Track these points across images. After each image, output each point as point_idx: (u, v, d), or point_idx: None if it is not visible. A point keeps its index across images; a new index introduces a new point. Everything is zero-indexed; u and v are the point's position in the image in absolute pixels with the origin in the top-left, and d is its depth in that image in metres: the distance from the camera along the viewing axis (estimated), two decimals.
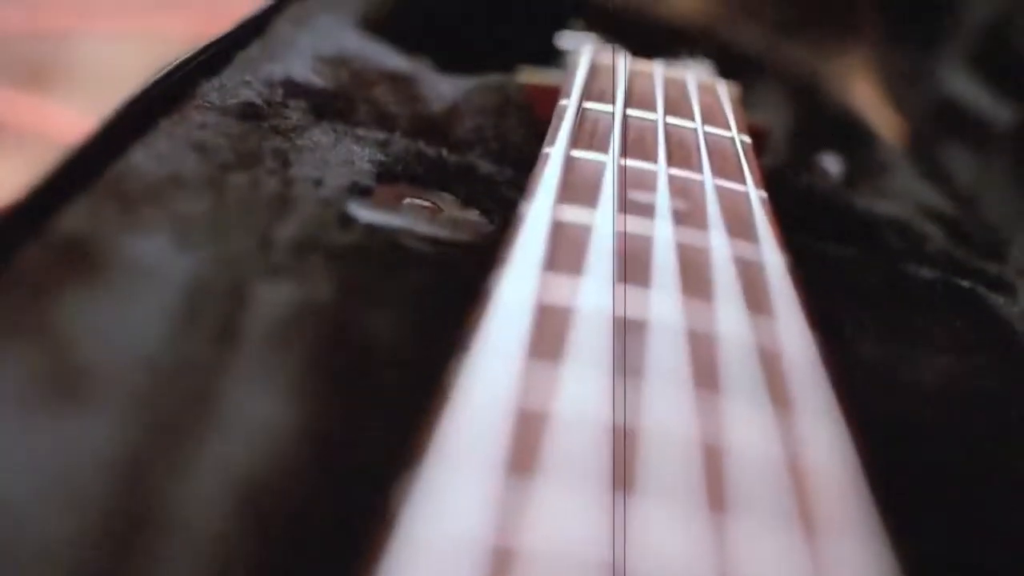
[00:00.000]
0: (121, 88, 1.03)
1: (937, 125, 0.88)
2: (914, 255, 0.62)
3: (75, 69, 1.10)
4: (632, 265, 0.38)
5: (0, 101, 0.95)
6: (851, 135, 0.84)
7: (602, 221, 0.41)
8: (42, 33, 1.15)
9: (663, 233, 0.41)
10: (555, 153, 0.46)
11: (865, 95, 0.96)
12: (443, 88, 0.60)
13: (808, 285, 0.42)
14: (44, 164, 0.87)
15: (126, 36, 1.16)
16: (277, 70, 0.56)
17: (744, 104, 0.63)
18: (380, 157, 0.52)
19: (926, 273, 0.59)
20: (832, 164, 0.75)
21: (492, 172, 0.54)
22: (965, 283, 0.59)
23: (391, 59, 0.63)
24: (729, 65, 0.82)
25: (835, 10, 1.47)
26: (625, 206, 0.43)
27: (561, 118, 0.50)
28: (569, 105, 0.51)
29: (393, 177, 0.51)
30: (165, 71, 0.51)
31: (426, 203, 0.50)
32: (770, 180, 0.52)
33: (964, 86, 0.88)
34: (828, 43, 1.42)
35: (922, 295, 0.58)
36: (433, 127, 0.57)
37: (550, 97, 0.60)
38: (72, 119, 0.93)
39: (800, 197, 0.62)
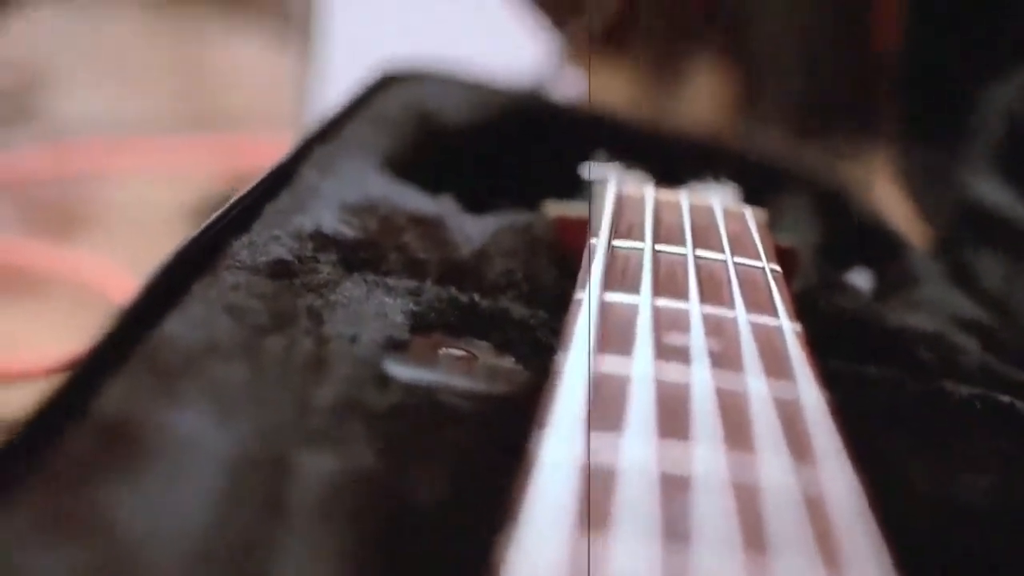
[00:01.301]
0: (149, 229, 1.04)
1: (964, 230, 0.88)
2: (950, 371, 0.61)
3: (102, 212, 1.11)
4: (672, 417, 0.38)
5: (27, 248, 0.96)
6: (879, 245, 0.84)
7: (639, 370, 0.41)
8: (68, 176, 1.16)
9: (700, 379, 0.41)
10: (588, 298, 0.46)
11: (890, 200, 0.96)
12: (471, 230, 0.60)
13: (846, 411, 0.42)
14: (71, 313, 0.88)
15: (152, 175, 1.17)
16: (306, 222, 0.57)
17: (771, 222, 0.63)
18: (413, 307, 0.52)
19: (963, 390, 0.59)
20: (862, 279, 0.75)
21: (525, 316, 0.55)
22: (1004, 398, 0.59)
23: (417, 202, 0.63)
24: (752, 179, 0.82)
25: (855, 113, 1.48)
26: (660, 351, 0.43)
27: (591, 259, 0.50)
28: (598, 244, 0.51)
29: (427, 327, 0.52)
30: (196, 233, 0.51)
31: (461, 352, 0.50)
32: (802, 304, 0.52)
33: (990, 188, 0.88)
34: (850, 147, 1.43)
35: (960, 413, 0.58)
36: (464, 272, 0.57)
37: (577, 229, 0.60)
38: (100, 265, 0.93)
39: (832, 319, 0.62)
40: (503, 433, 0.40)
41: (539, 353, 0.52)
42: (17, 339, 0.84)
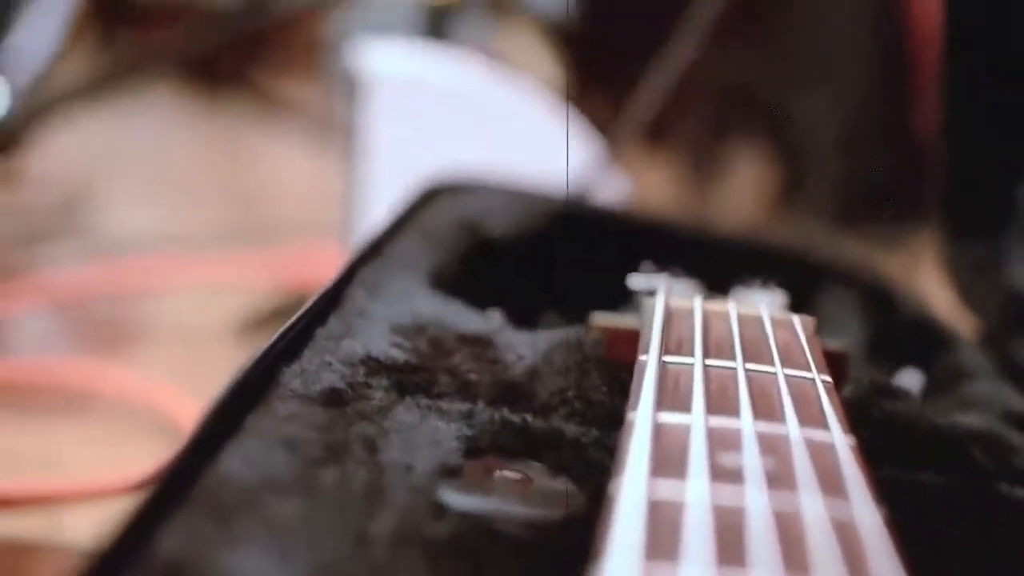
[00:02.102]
0: (198, 345, 1.04)
1: (1011, 321, 0.88)
2: (1004, 472, 0.61)
3: (150, 328, 1.11)
4: (728, 544, 0.38)
5: (75, 366, 0.97)
6: (928, 341, 0.84)
7: (694, 494, 0.41)
8: (115, 292, 1.17)
9: (755, 501, 0.41)
10: (640, 419, 0.46)
11: (936, 290, 0.96)
12: (521, 348, 0.61)
13: (902, 522, 0.42)
14: (120, 432, 0.88)
15: (200, 290, 1.18)
16: (357, 347, 0.57)
17: (819, 326, 0.63)
18: (466, 431, 0.53)
19: (1019, 492, 0.59)
20: (912, 380, 0.75)
21: (578, 434, 0.55)
22: None
23: (466, 320, 0.63)
24: (798, 278, 0.83)
25: (899, 201, 1.48)
26: (715, 473, 0.43)
27: (642, 376, 0.50)
28: (648, 361, 0.52)
29: (481, 451, 0.52)
30: (248, 365, 0.51)
31: (516, 475, 0.50)
32: (853, 411, 0.52)
33: None
34: (894, 236, 1.42)
35: (1017, 517, 0.57)
36: (515, 392, 0.57)
37: (626, 341, 0.60)
38: (149, 383, 0.94)
39: (884, 425, 0.62)
40: (560, 563, 0.40)
41: (594, 473, 0.52)
42: (67, 459, 0.85)
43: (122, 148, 1.86)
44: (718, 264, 0.80)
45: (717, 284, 0.73)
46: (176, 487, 0.43)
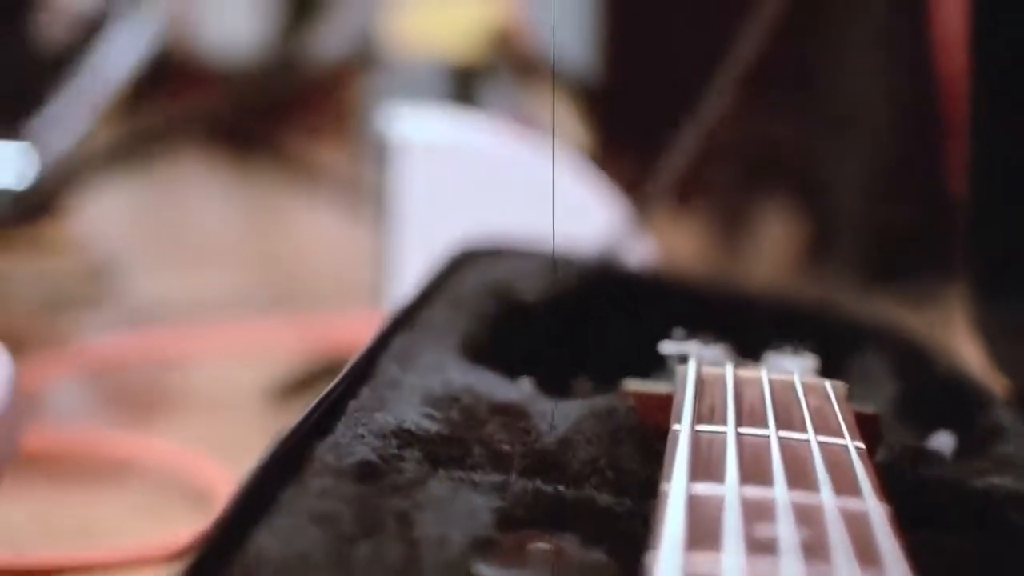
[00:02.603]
0: (231, 412, 1.05)
1: None
2: None
3: (183, 396, 1.12)
4: None
5: (107, 436, 0.97)
6: (960, 400, 0.83)
7: (729, 568, 0.41)
8: (148, 360, 1.17)
9: (791, 574, 0.41)
10: (674, 490, 0.46)
11: (967, 348, 0.96)
12: (553, 417, 0.61)
13: None
14: (154, 501, 0.88)
15: (232, 357, 1.19)
16: (389, 419, 0.57)
17: (851, 389, 0.63)
18: (499, 503, 0.52)
19: None
20: (945, 442, 0.74)
21: (612, 504, 0.55)
22: None
23: (498, 389, 0.64)
24: (828, 339, 0.82)
25: (929, 258, 1.48)
26: (750, 545, 0.43)
27: (675, 446, 0.50)
28: (681, 431, 0.52)
29: (515, 523, 0.52)
30: (280, 440, 0.51)
31: (550, 547, 0.50)
32: (887, 477, 0.52)
33: None
34: (925, 294, 1.42)
35: None
36: (548, 462, 0.57)
37: (658, 408, 0.60)
38: (182, 452, 0.94)
39: (919, 490, 0.62)
40: None
41: (628, 545, 0.51)
42: (103, 528, 0.85)
43: (153, 214, 1.87)
44: (749, 327, 0.80)
45: (748, 348, 0.73)
46: (210, 564, 0.43)
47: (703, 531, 0.43)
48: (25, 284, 1.38)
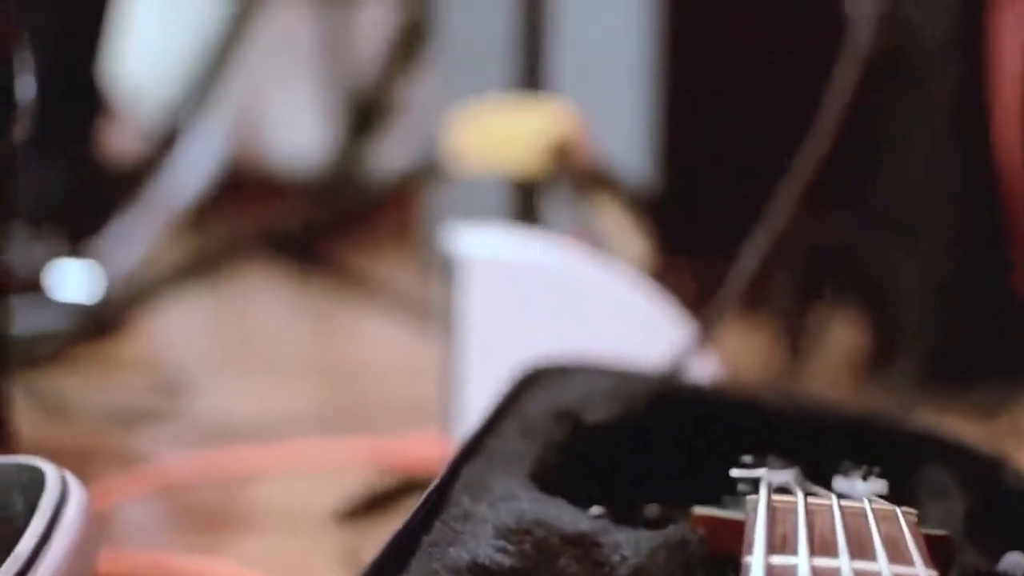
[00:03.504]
0: (299, 533, 1.05)
1: None
2: None
3: (250, 516, 1.12)
4: None
5: (175, 559, 0.98)
6: None
7: None
8: (215, 480, 1.18)
9: None
10: None
11: None
12: (625, 547, 0.61)
13: None
14: None
15: (300, 477, 1.19)
16: (463, 554, 0.57)
17: (920, 499, 0.63)
18: None
19: None
20: (1017, 563, 0.74)
21: None
22: None
23: (569, 518, 0.64)
24: (897, 455, 0.82)
25: (996, 365, 1.47)
26: None
27: None
28: (754, 562, 0.52)
29: None
30: None
31: None
32: None
33: None
34: (992, 402, 1.41)
35: None
36: None
37: (730, 535, 0.61)
38: (253, 572, 0.95)
39: None
40: None
41: None
42: None
43: (221, 329, 1.89)
44: (817, 447, 0.81)
45: (817, 469, 0.73)
46: None
47: None
48: (94, 401, 1.40)
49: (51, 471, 0.72)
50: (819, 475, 0.72)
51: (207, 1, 2.50)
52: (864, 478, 0.70)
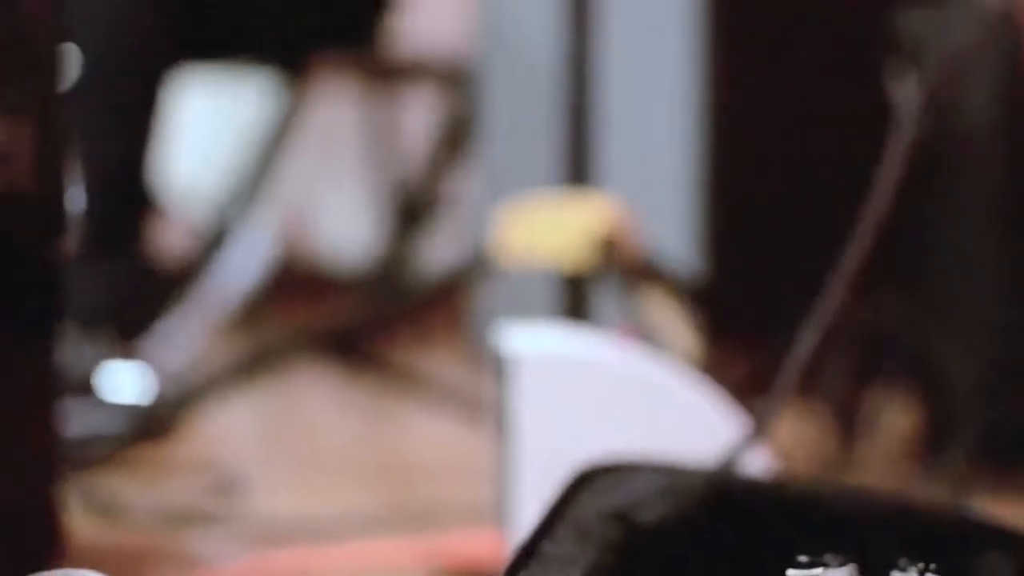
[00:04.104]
0: None
1: None
2: None
3: None
4: None
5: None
6: None
7: None
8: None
9: None
10: None
11: None
12: None
13: None
14: None
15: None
16: None
17: None
18: None
19: None
20: None
21: None
22: None
23: None
24: (952, 547, 0.82)
25: None
26: None
27: None
28: None
29: None
30: None
31: None
32: None
33: None
34: None
35: None
36: None
37: None
38: None
39: None
40: None
41: None
42: None
43: (273, 429, 1.89)
44: (873, 541, 0.80)
45: (875, 566, 0.73)
46: None
47: None
48: (148, 502, 1.40)
49: None
50: (877, 572, 0.72)
51: (253, 100, 2.53)
52: (921, 574, 0.70)
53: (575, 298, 1.50)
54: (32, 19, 1.12)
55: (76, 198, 1.13)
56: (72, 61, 1.42)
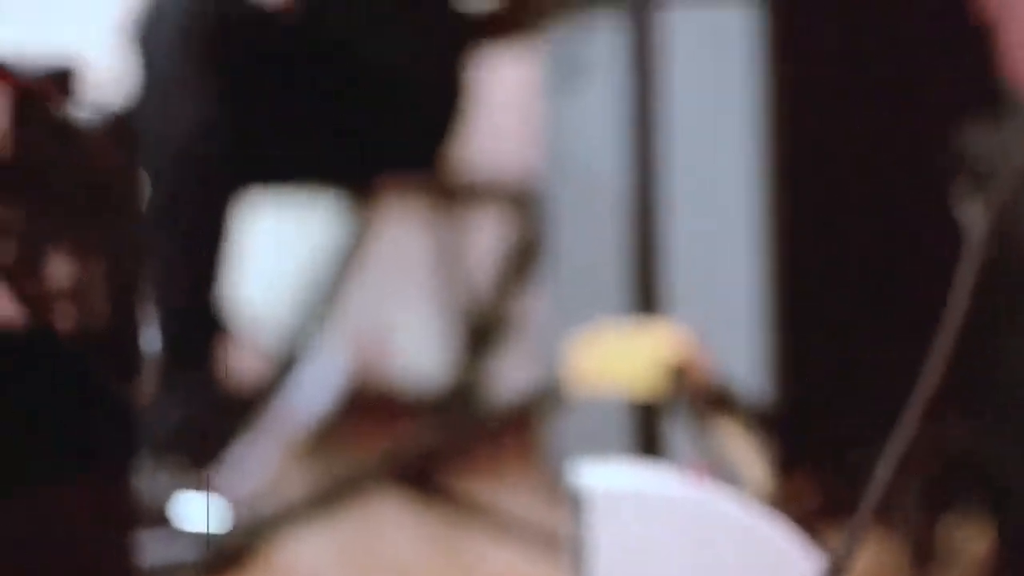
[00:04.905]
0: None
1: None
2: None
3: None
4: None
5: None
6: None
7: None
8: None
9: None
10: None
11: None
12: None
13: None
14: None
15: None
16: None
17: None
18: None
19: None
20: None
21: None
22: None
23: None
24: None
25: None
26: None
27: None
28: None
29: None
30: None
31: None
32: None
33: None
34: None
35: None
36: None
37: None
38: None
39: None
40: None
41: None
42: None
43: (343, 560, 1.89)
44: None
45: None
46: None
47: None
48: None
49: None
50: None
51: (322, 224, 2.55)
52: None
53: (646, 426, 1.50)
54: (102, 156, 1.14)
55: (150, 334, 1.14)
56: (144, 193, 1.44)
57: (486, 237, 2.58)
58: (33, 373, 1.09)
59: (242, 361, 2.25)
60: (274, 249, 2.68)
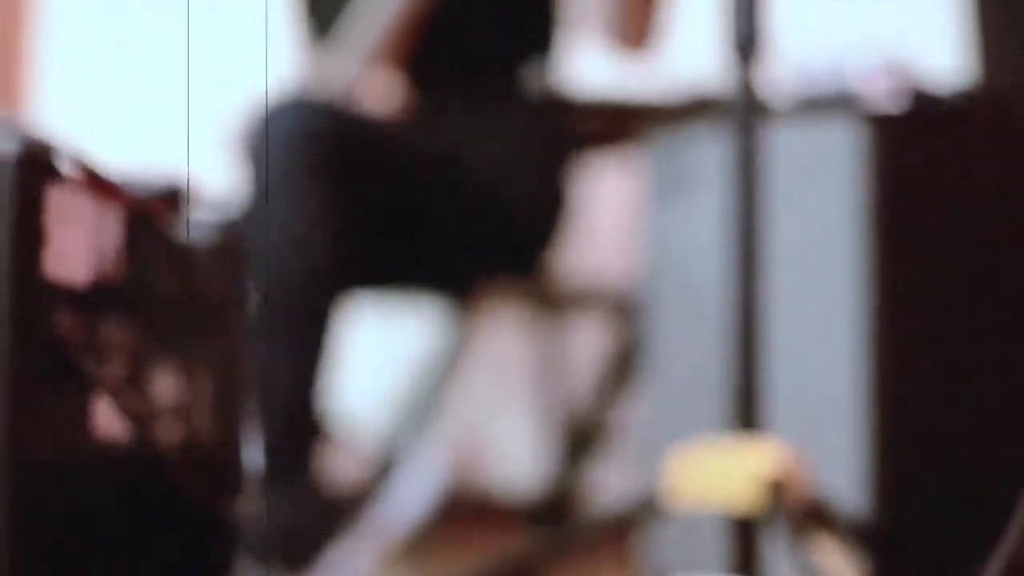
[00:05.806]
0: None
1: None
2: None
3: None
4: None
5: None
6: None
7: None
8: None
9: None
10: None
11: None
12: None
13: None
14: None
15: None
16: None
17: None
18: None
19: None
20: None
21: None
22: None
23: None
24: None
25: None
26: None
27: None
28: None
29: None
30: None
31: None
32: None
33: None
34: None
35: None
36: None
37: None
38: None
39: None
40: None
41: None
42: None
43: None
44: None
45: None
46: None
47: None
48: None
49: None
50: None
51: (424, 330, 2.57)
52: None
53: (744, 541, 1.50)
54: (211, 274, 1.16)
55: (253, 449, 1.15)
56: (251, 308, 1.46)
57: (587, 345, 2.59)
58: (136, 489, 1.10)
59: (341, 464, 2.27)
60: (375, 353, 2.70)
